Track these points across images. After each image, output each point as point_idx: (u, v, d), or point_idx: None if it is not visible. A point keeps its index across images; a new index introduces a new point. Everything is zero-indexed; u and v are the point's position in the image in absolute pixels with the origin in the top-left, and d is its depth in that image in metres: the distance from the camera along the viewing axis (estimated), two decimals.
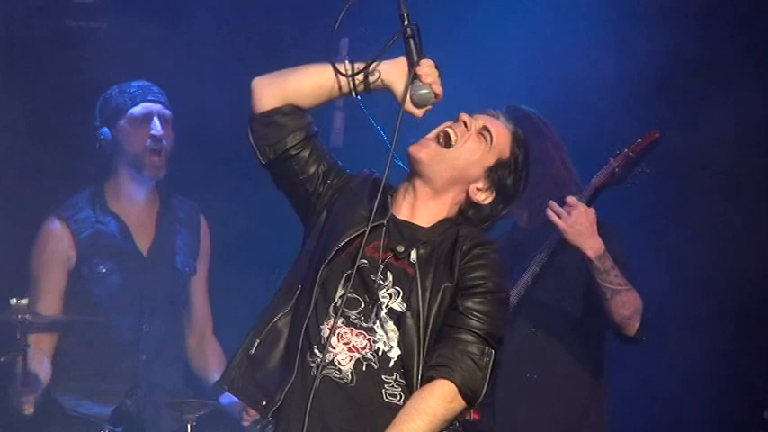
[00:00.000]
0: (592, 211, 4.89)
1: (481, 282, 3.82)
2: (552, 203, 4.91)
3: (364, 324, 3.85)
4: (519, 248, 5.12)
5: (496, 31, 6.37)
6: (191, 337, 6.08)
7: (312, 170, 4.01)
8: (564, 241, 4.91)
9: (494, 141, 3.97)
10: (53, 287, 5.75)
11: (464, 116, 4.00)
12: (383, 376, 3.83)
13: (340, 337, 3.85)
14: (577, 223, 4.86)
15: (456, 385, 3.72)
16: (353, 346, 3.85)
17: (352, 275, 3.84)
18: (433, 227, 3.94)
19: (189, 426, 5.75)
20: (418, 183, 3.97)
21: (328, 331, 3.82)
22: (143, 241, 5.91)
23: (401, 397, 3.81)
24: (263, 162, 3.99)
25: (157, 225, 5.94)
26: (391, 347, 3.83)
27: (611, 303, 4.91)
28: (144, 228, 5.91)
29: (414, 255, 3.88)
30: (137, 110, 5.82)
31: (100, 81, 6.08)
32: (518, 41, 6.36)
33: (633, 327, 4.97)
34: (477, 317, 3.78)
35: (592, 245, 4.84)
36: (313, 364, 3.82)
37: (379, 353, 3.83)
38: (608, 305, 4.92)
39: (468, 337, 3.75)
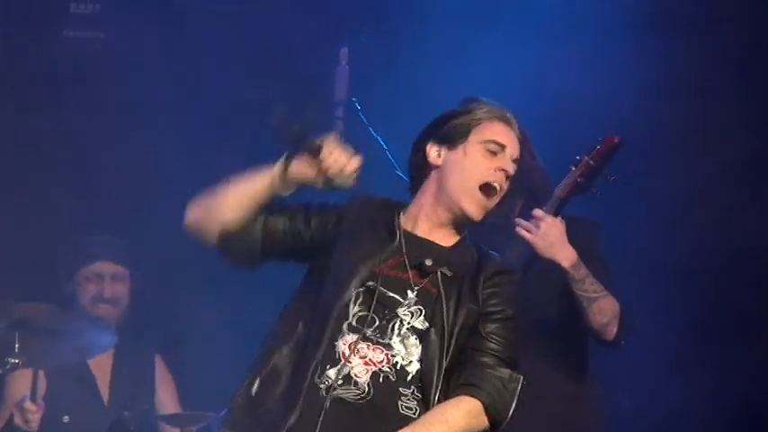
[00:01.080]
0: (559, 221, 4.90)
1: (502, 309, 3.97)
2: (519, 220, 4.96)
3: (381, 340, 3.94)
4: (498, 248, 5.19)
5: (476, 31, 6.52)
6: None
7: (295, 234, 4.07)
8: (537, 255, 4.97)
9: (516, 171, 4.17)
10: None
11: (508, 167, 4.09)
12: (400, 388, 3.90)
13: (356, 351, 3.93)
14: (548, 235, 4.87)
15: (483, 403, 3.83)
16: (370, 359, 3.92)
17: (375, 294, 3.94)
18: (454, 247, 4.06)
19: None
20: (453, 218, 4.08)
21: (344, 346, 3.90)
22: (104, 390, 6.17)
23: (417, 410, 3.89)
24: (253, 270, 4.09)
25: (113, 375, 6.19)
26: (410, 362, 3.92)
27: (589, 312, 4.94)
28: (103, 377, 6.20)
29: (439, 274, 3.99)
30: (90, 269, 6.14)
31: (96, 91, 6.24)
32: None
33: (611, 332, 5.00)
34: (499, 342, 3.92)
35: (565, 255, 4.86)
36: (322, 386, 3.88)
37: (397, 366, 3.92)
38: (585, 313, 4.95)
39: (495, 362, 3.89)
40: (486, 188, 4.09)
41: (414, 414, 3.87)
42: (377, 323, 3.96)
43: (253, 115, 6.49)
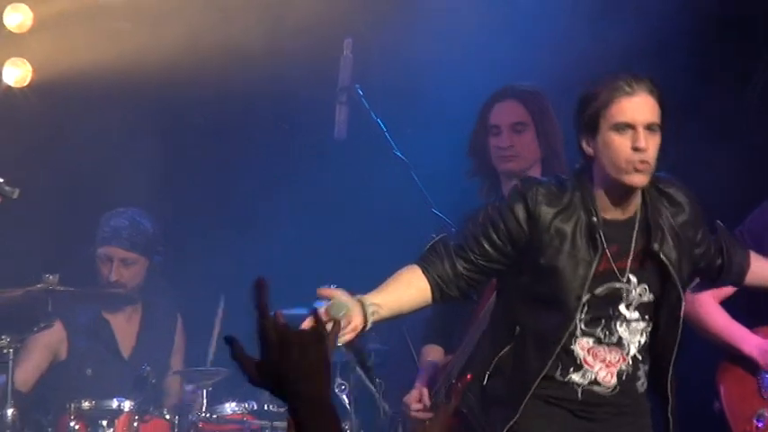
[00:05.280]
0: None
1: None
2: None
3: (609, 340, 4.30)
4: None
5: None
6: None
7: (504, 255, 4.31)
8: None
9: None
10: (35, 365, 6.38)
11: (642, 139, 4.20)
12: (638, 373, 4.35)
13: (595, 355, 4.31)
14: None
15: None
16: (610, 361, 4.32)
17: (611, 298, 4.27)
18: (635, 215, 4.33)
19: (204, 392, 6.18)
20: (630, 189, 4.28)
21: (581, 351, 4.28)
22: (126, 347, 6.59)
23: (645, 382, 4.36)
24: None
25: (139, 333, 6.62)
26: (639, 342, 4.34)
27: None
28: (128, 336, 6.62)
29: (656, 246, 4.29)
30: (102, 251, 6.48)
31: None
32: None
33: None
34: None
35: None
36: (572, 383, 4.29)
37: (631, 357, 4.34)
38: None
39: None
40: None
41: (643, 386, 4.39)
42: (602, 323, 4.30)
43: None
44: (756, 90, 6.22)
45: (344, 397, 5.93)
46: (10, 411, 5.90)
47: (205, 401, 6.24)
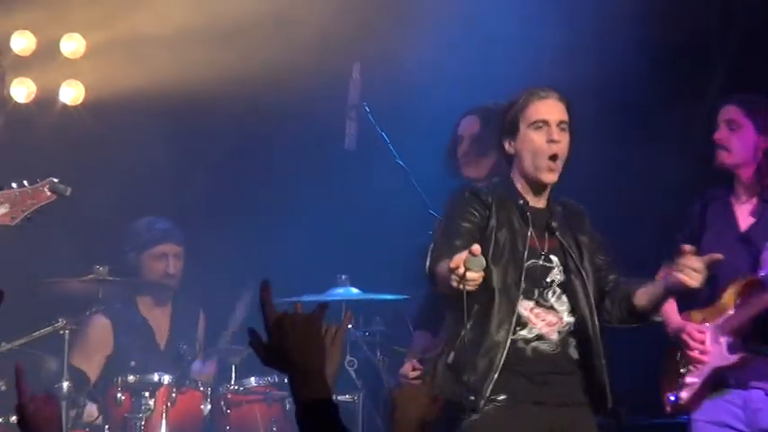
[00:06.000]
0: None
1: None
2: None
3: (546, 304, 4.66)
4: None
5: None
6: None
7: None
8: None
9: None
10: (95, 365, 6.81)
11: (555, 138, 4.67)
12: (570, 339, 4.70)
13: (537, 315, 4.65)
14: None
15: None
16: (550, 321, 4.67)
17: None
18: (547, 206, 4.76)
19: (232, 367, 6.58)
20: (544, 184, 4.74)
21: (525, 311, 4.60)
22: (161, 337, 7.03)
23: (576, 352, 4.70)
24: None
25: (171, 323, 7.06)
26: (570, 317, 4.69)
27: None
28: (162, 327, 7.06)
29: (558, 233, 4.69)
30: (157, 250, 6.89)
31: None
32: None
33: None
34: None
35: None
36: (520, 341, 4.60)
37: (565, 322, 4.69)
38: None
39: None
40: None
41: (577, 355, 4.71)
42: (536, 291, 4.66)
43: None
44: (707, 108, 6.31)
45: (353, 371, 6.24)
46: (65, 384, 6.26)
47: (233, 375, 6.58)
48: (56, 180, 5.56)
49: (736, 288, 5.49)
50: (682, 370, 5.57)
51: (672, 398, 5.60)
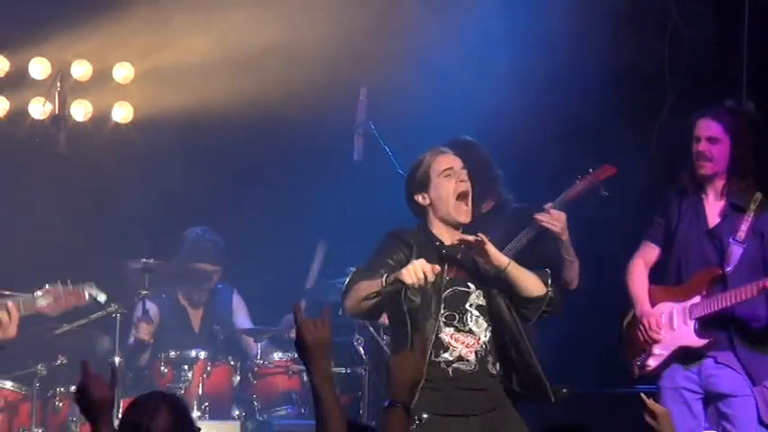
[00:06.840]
0: (563, 214, 5.65)
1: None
2: (538, 216, 5.62)
3: (464, 328, 4.98)
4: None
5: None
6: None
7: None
8: (553, 237, 5.62)
9: None
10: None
11: (463, 179, 5.05)
12: (488, 357, 5.00)
13: (456, 339, 4.96)
14: (561, 222, 5.59)
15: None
16: (468, 344, 4.97)
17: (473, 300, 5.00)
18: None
19: (258, 345, 7.26)
20: (453, 224, 5.07)
21: (446, 337, 4.92)
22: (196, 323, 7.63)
23: (495, 365, 4.99)
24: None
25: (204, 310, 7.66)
26: (487, 335, 4.99)
27: (570, 269, 5.72)
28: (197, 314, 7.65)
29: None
30: (199, 266, 7.46)
31: None
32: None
33: (576, 283, 5.81)
34: None
35: (566, 233, 5.65)
36: (443, 363, 4.90)
37: (482, 343, 4.99)
38: (567, 270, 5.71)
39: None
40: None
41: (497, 371, 5.02)
42: (456, 318, 4.94)
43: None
44: (658, 126, 6.95)
45: (360, 348, 6.82)
46: (117, 359, 6.86)
47: (259, 351, 7.28)
48: (93, 285, 5.96)
49: (703, 277, 5.87)
50: (648, 340, 5.94)
51: (638, 363, 5.94)
